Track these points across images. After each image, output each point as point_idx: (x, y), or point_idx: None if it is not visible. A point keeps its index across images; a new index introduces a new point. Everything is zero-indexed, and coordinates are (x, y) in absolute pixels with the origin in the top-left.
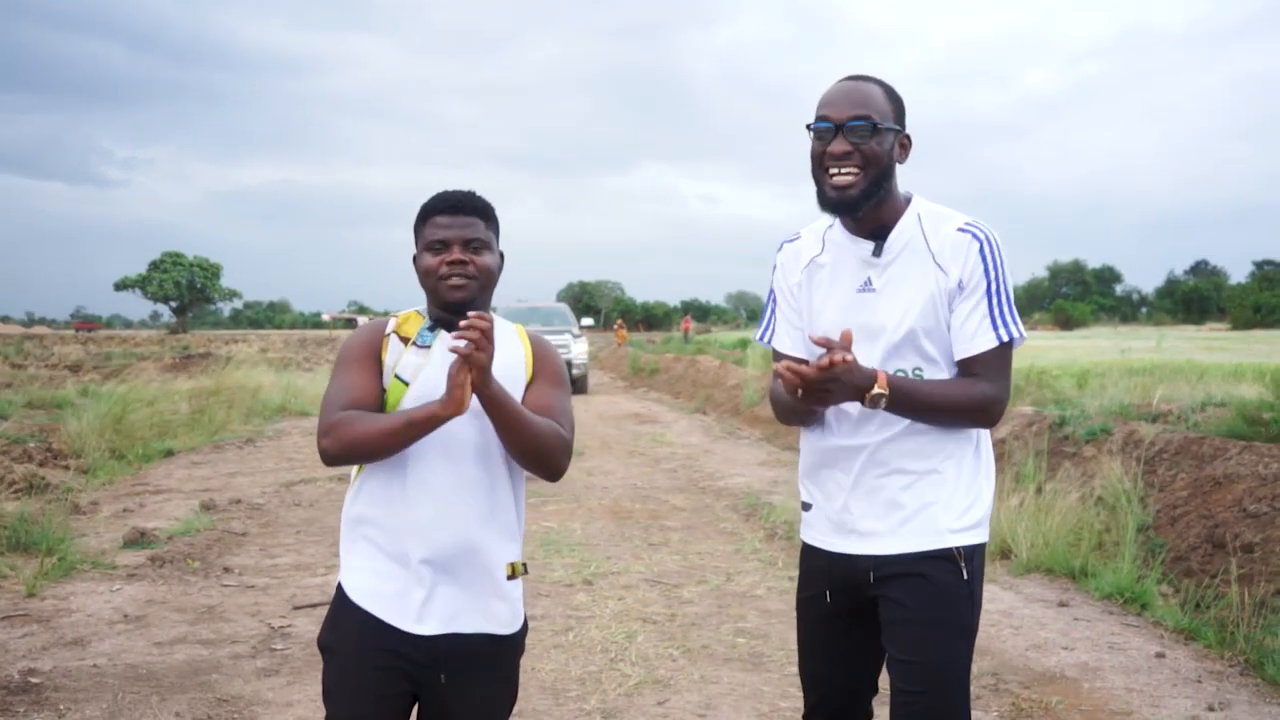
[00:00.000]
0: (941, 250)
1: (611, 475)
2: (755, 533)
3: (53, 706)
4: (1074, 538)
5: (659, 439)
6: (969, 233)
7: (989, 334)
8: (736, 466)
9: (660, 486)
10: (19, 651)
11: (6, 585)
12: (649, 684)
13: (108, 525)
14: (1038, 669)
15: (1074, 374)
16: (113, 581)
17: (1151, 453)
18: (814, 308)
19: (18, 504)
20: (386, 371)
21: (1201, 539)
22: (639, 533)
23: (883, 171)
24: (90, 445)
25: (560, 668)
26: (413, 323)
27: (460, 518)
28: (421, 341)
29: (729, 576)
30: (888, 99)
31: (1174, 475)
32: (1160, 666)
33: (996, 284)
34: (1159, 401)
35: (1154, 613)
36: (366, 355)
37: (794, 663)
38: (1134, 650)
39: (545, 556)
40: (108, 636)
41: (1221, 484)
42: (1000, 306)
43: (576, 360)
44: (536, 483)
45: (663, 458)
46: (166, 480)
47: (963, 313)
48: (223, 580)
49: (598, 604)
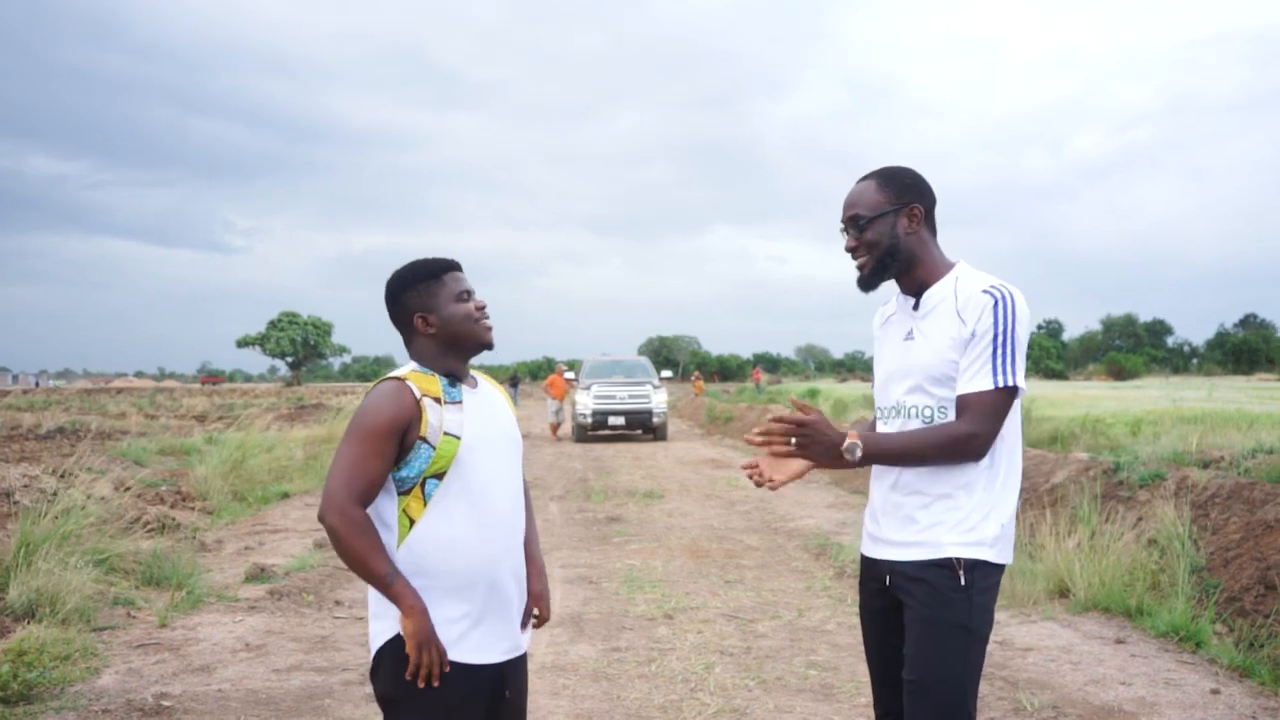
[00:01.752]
0: (965, 306)
1: (689, 516)
2: (825, 571)
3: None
4: (1129, 578)
5: (734, 483)
6: (990, 293)
7: (987, 378)
8: (806, 509)
9: (735, 527)
10: (151, 677)
11: (141, 616)
12: (727, 713)
13: (231, 562)
14: (1096, 703)
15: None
16: (235, 613)
17: (1204, 497)
18: (880, 353)
19: (151, 542)
20: (434, 431)
21: (1254, 580)
22: (716, 570)
23: (887, 251)
24: (214, 488)
25: (644, 696)
26: (429, 382)
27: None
28: (451, 399)
29: (800, 612)
30: (881, 188)
31: (1226, 519)
32: (1215, 702)
33: (1004, 336)
34: (1210, 448)
35: (1209, 650)
36: (395, 432)
37: (864, 694)
38: (1190, 686)
39: (629, 593)
40: (231, 664)
41: (1273, 527)
42: (1003, 356)
43: (657, 410)
44: (622, 522)
45: (737, 500)
46: (283, 520)
47: (969, 357)
48: (334, 612)
49: (678, 637)
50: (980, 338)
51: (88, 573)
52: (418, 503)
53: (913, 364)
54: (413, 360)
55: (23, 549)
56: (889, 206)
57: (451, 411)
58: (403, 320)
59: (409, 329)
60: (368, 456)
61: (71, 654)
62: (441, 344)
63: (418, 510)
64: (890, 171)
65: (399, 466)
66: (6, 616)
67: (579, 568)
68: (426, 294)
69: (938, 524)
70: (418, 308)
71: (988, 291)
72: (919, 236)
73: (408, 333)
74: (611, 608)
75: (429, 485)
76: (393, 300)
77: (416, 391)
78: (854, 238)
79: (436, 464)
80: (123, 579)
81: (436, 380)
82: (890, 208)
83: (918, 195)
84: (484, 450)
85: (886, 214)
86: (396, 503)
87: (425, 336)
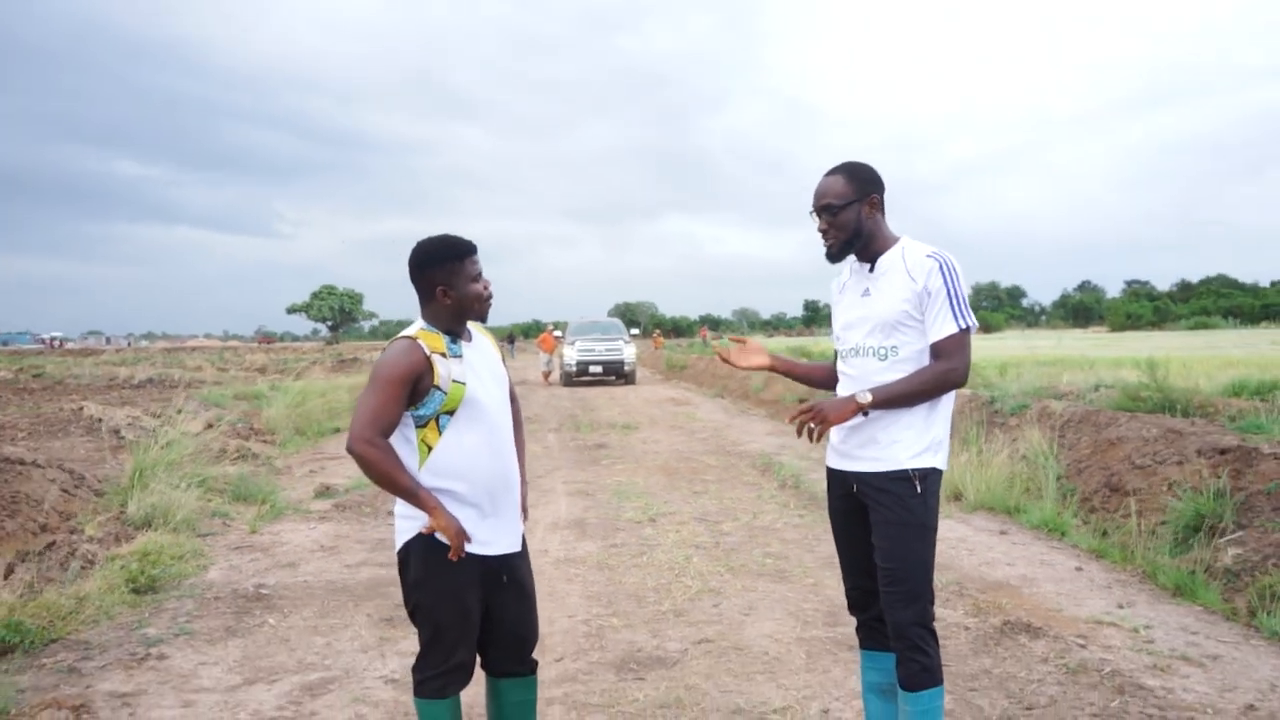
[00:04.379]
0: (914, 268)
1: (660, 443)
2: (770, 483)
3: (279, 610)
4: (1008, 485)
5: (691, 416)
6: (933, 257)
7: (951, 324)
8: (751, 436)
9: (696, 450)
10: (249, 572)
11: (234, 525)
12: (706, 592)
13: (301, 482)
14: (989, 579)
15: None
16: (309, 522)
17: (1060, 422)
18: (840, 308)
19: (235, 468)
20: (444, 380)
21: (1101, 484)
22: (685, 484)
23: (853, 233)
24: (281, 425)
25: (639, 581)
26: (435, 340)
27: (513, 464)
28: (454, 353)
29: (755, 515)
30: (848, 181)
31: (1079, 438)
32: (1080, 577)
33: (953, 290)
34: (1061, 385)
35: (1071, 539)
36: (410, 378)
37: (812, 576)
38: (1059, 565)
39: (619, 502)
40: (311, 560)
41: (1115, 444)
42: (957, 305)
43: (628, 360)
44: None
45: (697, 430)
46: (337, 450)
47: (931, 313)
48: (388, 520)
49: (661, 535)
50: (935, 295)
51: (191, 492)
52: (433, 433)
53: (869, 314)
54: (423, 319)
55: (137, 474)
56: (854, 197)
57: (456, 364)
58: (425, 288)
59: (429, 296)
60: (387, 401)
61: (184, 555)
62: (452, 312)
63: (434, 439)
64: (854, 167)
65: (416, 406)
66: (129, 526)
67: (577, 483)
68: (450, 272)
69: (895, 442)
70: (441, 281)
71: (931, 256)
72: (874, 219)
73: (426, 297)
74: (606, 514)
75: (442, 420)
76: (419, 270)
77: (426, 349)
78: (826, 221)
79: (448, 404)
80: (217, 496)
81: (441, 338)
82: (855, 198)
83: (875, 187)
84: (482, 389)
85: (852, 203)
86: (415, 434)
87: (441, 305)
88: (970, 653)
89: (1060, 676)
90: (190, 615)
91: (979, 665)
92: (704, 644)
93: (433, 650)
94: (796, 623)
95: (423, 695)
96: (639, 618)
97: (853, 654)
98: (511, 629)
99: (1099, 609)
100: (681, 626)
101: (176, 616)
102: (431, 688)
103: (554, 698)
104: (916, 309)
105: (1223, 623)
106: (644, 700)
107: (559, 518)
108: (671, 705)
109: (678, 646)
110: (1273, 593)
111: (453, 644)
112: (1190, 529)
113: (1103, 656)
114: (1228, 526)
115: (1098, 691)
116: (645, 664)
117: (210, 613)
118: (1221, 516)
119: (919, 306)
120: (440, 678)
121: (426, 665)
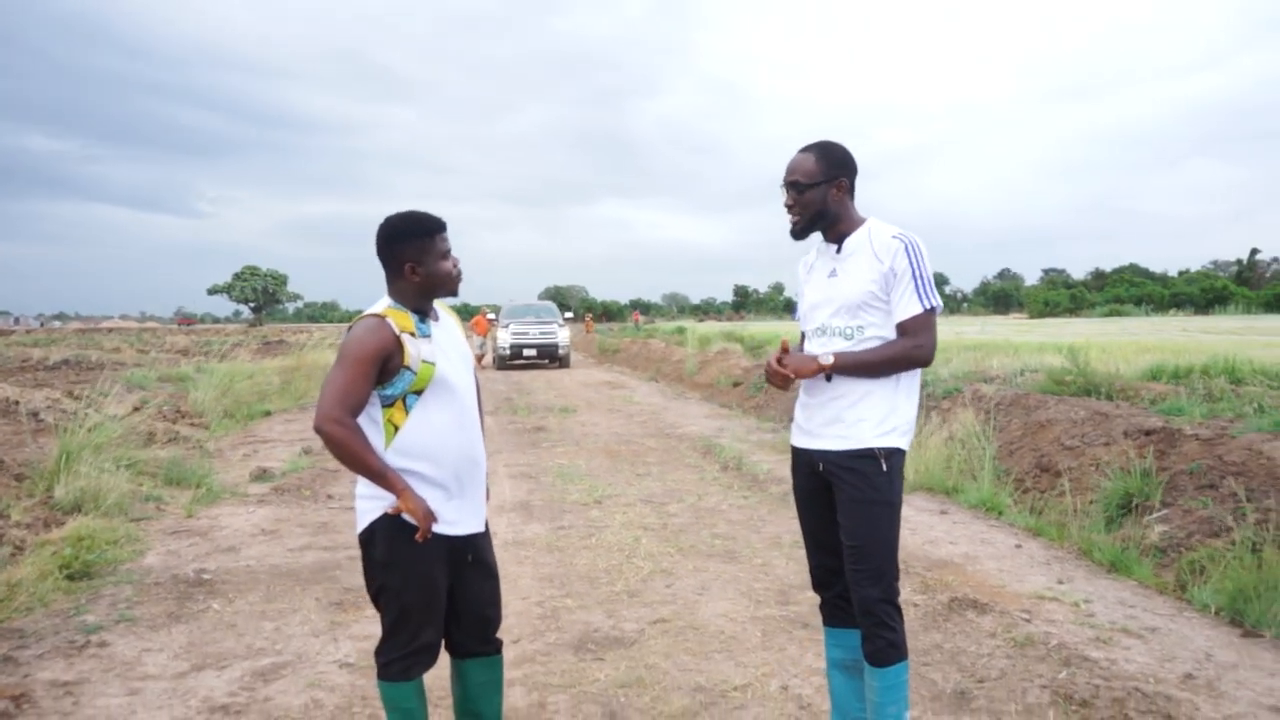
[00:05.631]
0: (880, 250)
1: (598, 426)
2: (712, 465)
3: (223, 595)
4: (945, 466)
5: (628, 400)
6: (898, 239)
7: (916, 304)
8: (689, 419)
9: (636, 433)
10: (189, 556)
11: (169, 509)
12: (658, 573)
13: (235, 466)
14: (934, 557)
15: None
16: (248, 506)
17: (991, 405)
18: (807, 288)
19: (166, 451)
20: (414, 360)
21: (1033, 465)
22: (628, 466)
23: (818, 212)
24: (209, 408)
25: (590, 562)
26: (403, 319)
27: (479, 444)
28: (423, 333)
29: (699, 496)
30: (819, 161)
31: (1009, 421)
32: (1019, 554)
33: (918, 271)
34: (989, 369)
35: (1008, 517)
36: (379, 357)
37: (760, 557)
38: (999, 543)
39: (563, 484)
40: (252, 545)
41: (1045, 426)
42: (922, 285)
43: (562, 344)
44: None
45: (634, 413)
46: (269, 433)
47: (898, 293)
48: (328, 504)
49: (608, 517)
50: (901, 276)
51: (121, 475)
52: (400, 413)
53: (835, 294)
54: (390, 296)
55: (64, 457)
56: (822, 178)
57: (425, 344)
58: (393, 265)
59: (397, 272)
60: (356, 379)
61: (118, 540)
62: (420, 289)
63: (400, 419)
64: (827, 147)
65: (383, 386)
66: (57, 511)
67: (519, 466)
68: (419, 249)
69: (861, 420)
70: (410, 258)
71: (896, 238)
72: (842, 201)
73: (394, 274)
74: (551, 496)
75: (410, 400)
76: (387, 245)
77: (395, 328)
78: (793, 198)
79: (416, 384)
80: (149, 480)
81: (409, 317)
82: (823, 179)
83: (845, 170)
84: (451, 370)
85: (819, 184)
86: (381, 414)
87: (409, 282)
88: (921, 628)
89: (1009, 650)
90: (130, 601)
91: (930, 640)
92: (660, 624)
93: (398, 632)
94: (749, 602)
95: (387, 678)
96: (593, 599)
97: (807, 632)
98: (476, 609)
99: (1040, 585)
100: (636, 607)
101: (115, 603)
102: (396, 669)
103: (514, 679)
104: (883, 289)
105: (1156, 596)
106: (605, 680)
107: (504, 500)
108: (633, 684)
109: (634, 627)
110: (1199, 567)
111: (419, 625)
112: (1120, 507)
113: (1047, 630)
114: (1155, 505)
115: (1045, 664)
116: (603, 644)
117: (151, 599)
118: (1149, 495)
119: (885, 287)
120: (405, 659)
121: (391, 647)
